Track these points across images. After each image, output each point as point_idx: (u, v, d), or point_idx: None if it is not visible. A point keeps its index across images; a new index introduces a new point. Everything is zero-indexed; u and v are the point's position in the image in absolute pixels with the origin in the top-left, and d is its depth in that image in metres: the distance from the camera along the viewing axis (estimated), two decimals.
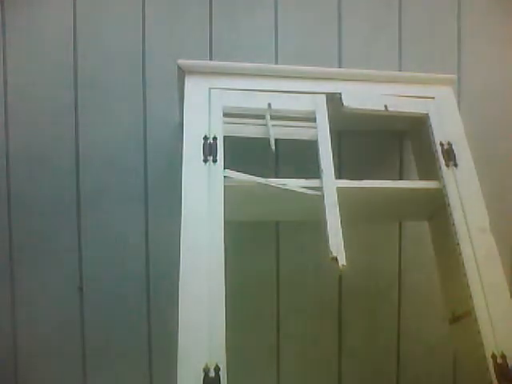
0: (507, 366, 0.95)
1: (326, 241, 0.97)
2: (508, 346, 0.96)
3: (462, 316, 1.07)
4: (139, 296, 1.32)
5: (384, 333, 1.40)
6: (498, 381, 0.93)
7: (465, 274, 1.02)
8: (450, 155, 1.12)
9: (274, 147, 1.07)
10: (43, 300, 1.30)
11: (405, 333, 1.40)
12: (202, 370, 0.85)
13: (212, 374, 0.85)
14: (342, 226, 0.98)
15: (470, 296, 1.00)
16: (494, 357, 0.95)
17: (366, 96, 1.15)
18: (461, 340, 1.10)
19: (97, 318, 1.31)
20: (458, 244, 1.04)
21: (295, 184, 1.04)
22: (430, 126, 1.16)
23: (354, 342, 1.38)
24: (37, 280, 1.30)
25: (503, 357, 0.95)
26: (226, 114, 1.08)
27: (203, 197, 0.99)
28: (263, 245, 1.36)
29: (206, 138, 1.04)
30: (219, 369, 0.86)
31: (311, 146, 1.08)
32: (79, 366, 1.31)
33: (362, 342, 1.38)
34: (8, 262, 1.30)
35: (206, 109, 1.07)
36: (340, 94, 1.13)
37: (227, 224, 0.97)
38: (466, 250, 1.04)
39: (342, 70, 1.37)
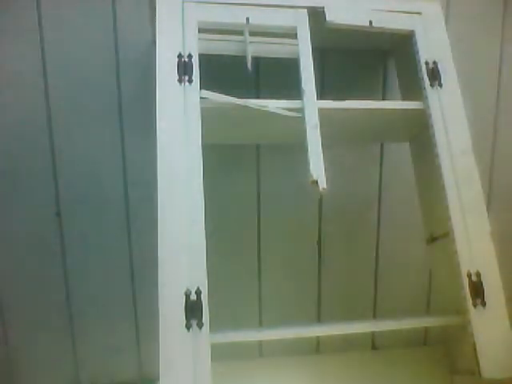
0: (481, 283, 0.98)
1: (307, 164, 0.95)
2: (483, 265, 1.00)
3: (439, 237, 1.09)
4: (119, 220, 1.30)
5: (363, 253, 1.42)
6: (471, 297, 0.97)
7: (444, 196, 1.03)
8: (435, 75, 1.09)
9: (250, 65, 1.02)
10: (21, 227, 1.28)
11: (383, 253, 1.43)
12: (183, 294, 0.86)
13: (194, 297, 0.86)
14: (323, 148, 0.96)
15: (449, 217, 1.02)
16: (469, 275, 0.98)
17: (351, 11, 1.09)
18: (438, 260, 1.13)
19: (76, 243, 1.30)
20: (439, 165, 1.04)
21: (276, 105, 1.00)
22: (416, 43, 1.11)
23: (334, 263, 1.40)
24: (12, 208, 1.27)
25: (478, 275, 0.98)
26: (201, 30, 1.01)
27: (179, 119, 0.94)
28: (243, 168, 1.34)
29: (180, 56, 0.97)
30: (201, 292, 0.86)
31: (294, 65, 1.02)
32: (61, 290, 1.31)
33: (340, 263, 1.41)
34: None
35: (179, 24, 1.00)
36: (323, 8, 1.07)
37: (205, 147, 0.94)
38: (446, 171, 1.04)
39: None
